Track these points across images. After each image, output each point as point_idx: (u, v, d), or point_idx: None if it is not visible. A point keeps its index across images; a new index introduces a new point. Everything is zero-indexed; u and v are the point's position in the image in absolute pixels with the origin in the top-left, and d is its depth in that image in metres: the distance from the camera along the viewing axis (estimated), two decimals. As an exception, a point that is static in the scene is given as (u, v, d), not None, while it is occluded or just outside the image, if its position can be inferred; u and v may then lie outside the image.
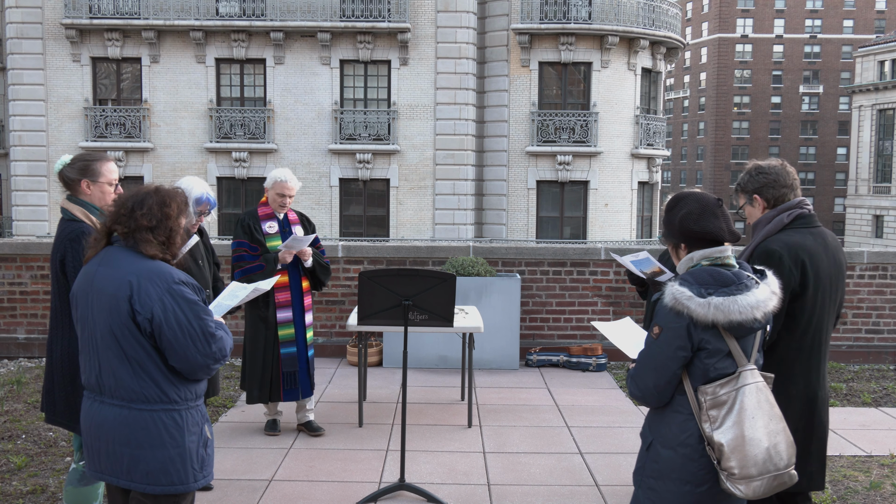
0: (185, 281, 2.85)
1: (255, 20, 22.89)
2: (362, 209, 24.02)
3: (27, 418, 6.15)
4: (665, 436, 2.69)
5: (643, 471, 2.77)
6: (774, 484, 2.61)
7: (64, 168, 3.73)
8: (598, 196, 24.09)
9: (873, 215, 46.26)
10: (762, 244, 3.28)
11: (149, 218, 2.84)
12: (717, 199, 2.77)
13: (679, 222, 2.75)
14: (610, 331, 3.34)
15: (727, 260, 2.70)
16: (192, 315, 2.79)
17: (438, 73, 23.32)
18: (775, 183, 3.37)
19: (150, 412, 2.81)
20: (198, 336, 2.79)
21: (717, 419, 2.58)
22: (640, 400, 2.76)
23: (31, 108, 23.24)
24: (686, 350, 2.60)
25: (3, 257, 8.39)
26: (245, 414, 6.35)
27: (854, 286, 8.48)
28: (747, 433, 2.56)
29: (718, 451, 2.57)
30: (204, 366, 2.84)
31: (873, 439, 5.91)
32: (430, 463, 5.27)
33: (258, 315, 5.64)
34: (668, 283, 2.65)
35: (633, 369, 2.77)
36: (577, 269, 8.44)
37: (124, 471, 2.83)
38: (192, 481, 2.88)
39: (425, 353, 7.99)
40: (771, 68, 71.68)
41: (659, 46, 24.97)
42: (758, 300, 2.58)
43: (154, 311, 2.75)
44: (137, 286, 2.76)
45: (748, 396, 2.59)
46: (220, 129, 23.39)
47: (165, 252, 2.89)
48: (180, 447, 2.84)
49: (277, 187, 5.60)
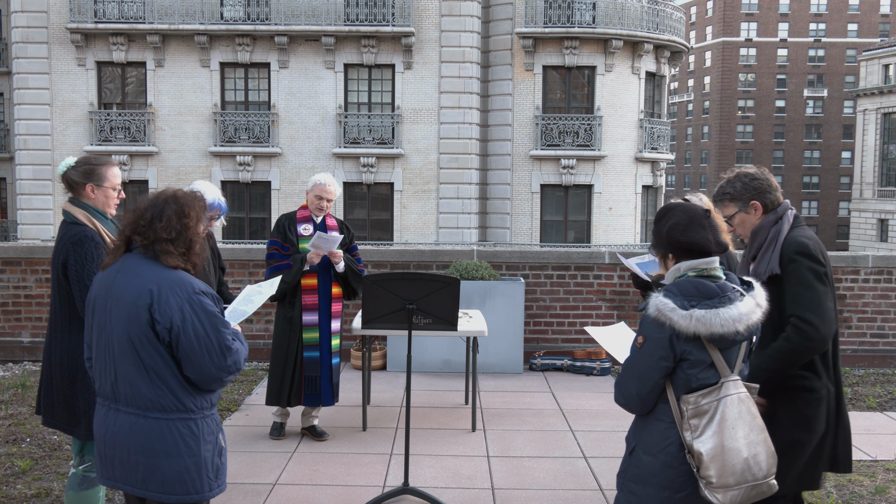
0: (206, 291, 2.84)
1: (260, 24, 22.95)
2: (366, 213, 24.04)
3: (31, 422, 6.16)
4: (647, 442, 2.74)
5: (625, 474, 2.83)
6: (752, 493, 2.66)
7: (68, 170, 3.73)
8: (602, 200, 24.08)
9: (878, 219, 46.18)
10: (789, 242, 3.29)
11: (168, 230, 2.82)
12: (705, 210, 2.81)
13: (667, 233, 2.78)
14: (602, 336, 3.38)
15: (714, 271, 2.73)
16: (211, 327, 2.78)
17: (442, 77, 23.35)
18: (769, 187, 3.43)
19: (166, 421, 2.80)
20: (214, 348, 2.78)
21: (699, 428, 2.62)
22: (625, 407, 2.81)
23: (36, 112, 23.31)
24: (668, 360, 2.64)
25: (8, 261, 8.40)
26: (249, 417, 6.35)
27: (859, 290, 8.46)
28: (727, 443, 2.60)
29: (698, 459, 2.61)
30: (217, 378, 2.84)
31: (878, 444, 5.89)
32: (434, 467, 5.26)
33: (284, 314, 5.67)
34: (653, 294, 2.68)
35: (618, 377, 2.82)
36: (581, 273, 8.43)
37: (140, 480, 2.82)
38: (206, 490, 2.87)
39: (429, 356, 7.98)
40: (775, 72, 71.59)
41: (663, 50, 24.97)
42: (740, 313, 2.61)
43: (173, 320, 2.74)
44: (158, 295, 2.76)
45: (729, 407, 2.63)
46: (224, 133, 23.44)
47: (186, 262, 2.88)
48: (196, 456, 2.83)
49: (316, 190, 5.63)
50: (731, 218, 3.50)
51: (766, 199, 3.41)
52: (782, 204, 3.42)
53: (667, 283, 2.77)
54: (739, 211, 3.46)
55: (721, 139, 71.99)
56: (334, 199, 5.72)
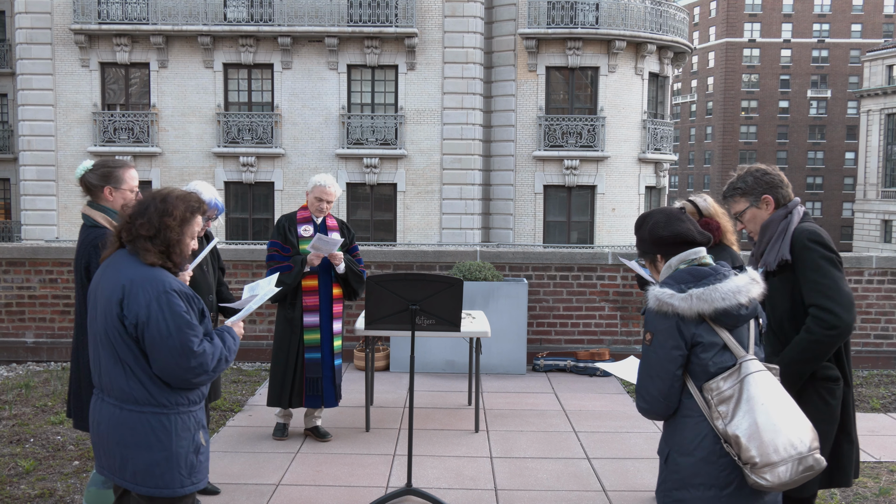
0: (179, 290, 2.84)
1: (263, 25, 22.97)
2: (369, 213, 24.05)
3: (35, 422, 6.17)
4: (680, 443, 2.66)
5: (665, 485, 2.71)
6: (800, 469, 2.52)
7: (86, 174, 3.77)
8: (605, 201, 24.06)
9: (882, 220, 46.09)
10: (800, 231, 3.28)
11: (147, 227, 2.86)
12: (679, 207, 2.87)
13: (649, 234, 2.81)
14: (617, 369, 3.47)
15: (703, 259, 2.75)
16: (174, 326, 2.78)
17: (446, 78, 23.35)
18: (781, 182, 3.44)
19: (138, 413, 2.84)
20: (176, 349, 2.78)
21: (728, 413, 2.55)
22: (649, 413, 2.72)
23: (40, 113, 23.35)
24: (681, 348, 2.60)
25: (12, 261, 8.42)
26: (252, 418, 6.36)
27: (863, 291, 8.44)
28: (760, 419, 2.51)
29: (736, 444, 2.52)
30: (183, 378, 2.83)
31: (882, 445, 5.88)
32: (437, 468, 5.26)
33: (285, 315, 5.67)
34: (650, 288, 2.68)
35: (637, 383, 2.76)
36: (584, 274, 8.43)
37: (118, 469, 2.89)
38: (178, 486, 2.88)
39: (432, 357, 7.98)
40: (779, 73, 71.49)
41: (666, 51, 24.95)
42: (738, 286, 2.61)
43: (139, 316, 2.78)
44: (129, 290, 2.80)
45: (753, 385, 2.56)
46: (227, 134, 23.46)
47: (166, 260, 2.90)
48: (167, 451, 2.85)
49: (316, 191, 5.62)
50: (742, 214, 3.48)
51: (777, 193, 3.40)
52: (792, 200, 3.41)
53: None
54: (751, 206, 3.45)
55: (724, 140, 71.90)
56: (334, 201, 5.71)
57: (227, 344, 2.95)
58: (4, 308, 8.45)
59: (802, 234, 3.26)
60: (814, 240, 3.23)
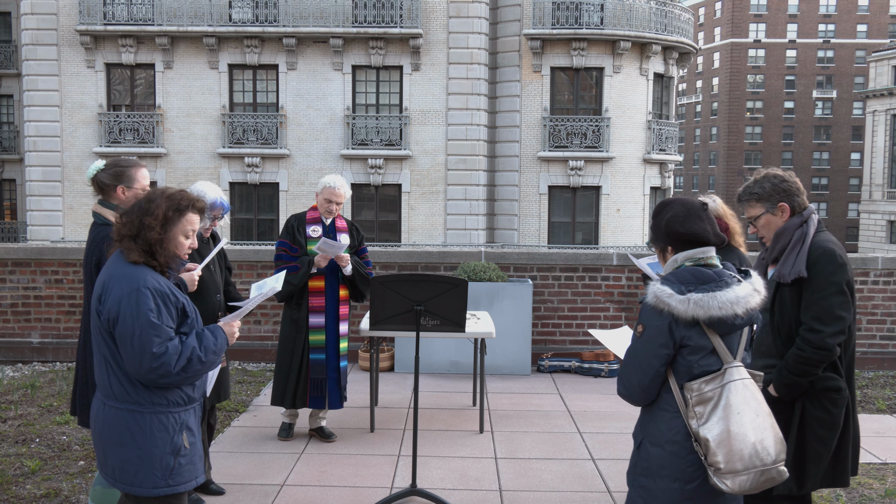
0: (154, 288, 2.81)
1: (268, 26, 23.00)
2: (374, 214, 24.06)
3: (41, 422, 6.18)
4: (653, 434, 2.74)
5: (634, 469, 2.82)
6: (761, 479, 2.63)
7: (99, 173, 3.81)
8: (610, 201, 24.05)
9: (888, 221, 45.95)
10: (815, 246, 3.30)
11: (129, 227, 2.88)
12: (702, 203, 2.84)
13: (665, 225, 2.80)
14: (606, 338, 3.42)
15: (710, 260, 2.75)
16: (137, 326, 2.75)
17: (450, 79, 23.36)
18: (798, 191, 3.45)
19: (116, 410, 2.86)
20: (134, 349, 2.76)
21: (704, 415, 2.62)
22: (627, 398, 2.81)
23: (45, 114, 23.42)
24: (668, 348, 2.64)
25: (18, 262, 8.44)
26: (257, 418, 6.36)
27: (868, 292, 8.42)
28: (733, 428, 2.59)
29: (705, 446, 2.60)
30: (146, 378, 2.80)
31: (888, 447, 5.86)
32: (442, 468, 5.26)
33: (290, 316, 5.67)
34: (651, 283, 2.70)
35: (620, 368, 2.83)
36: (588, 275, 8.42)
37: (102, 463, 2.92)
38: (152, 487, 2.84)
39: (437, 358, 7.98)
40: (784, 73, 71.34)
41: (671, 51, 24.93)
42: (738, 296, 2.61)
43: (110, 312, 2.80)
44: (106, 286, 2.84)
45: (734, 393, 2.62)
46: (232, 135, 23.50)
47: (150, 259, 2.88)
48: (141, 450, 2.83)
49: (326, 192, 5.62)
50: (757, 219, 3.48)
51: (794, 201, 3.41)
52: (807, 208, 3.42)
53: (665, 275, 2.79)
54: (766, 212, 3.45)
55: (729, 140, 71.77)
56: (343, 202, 5.70)
57: (204, 343, 2.88)
58: (10, 308, 8.47)
59: (817, 251, 3.28)
60: (826, 258, 3.26)
